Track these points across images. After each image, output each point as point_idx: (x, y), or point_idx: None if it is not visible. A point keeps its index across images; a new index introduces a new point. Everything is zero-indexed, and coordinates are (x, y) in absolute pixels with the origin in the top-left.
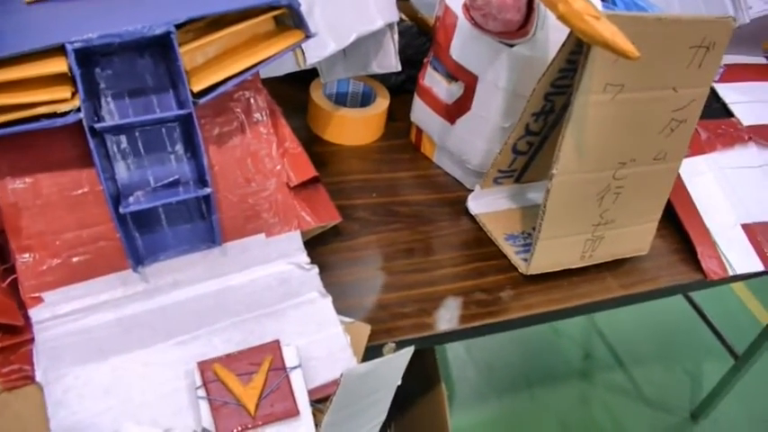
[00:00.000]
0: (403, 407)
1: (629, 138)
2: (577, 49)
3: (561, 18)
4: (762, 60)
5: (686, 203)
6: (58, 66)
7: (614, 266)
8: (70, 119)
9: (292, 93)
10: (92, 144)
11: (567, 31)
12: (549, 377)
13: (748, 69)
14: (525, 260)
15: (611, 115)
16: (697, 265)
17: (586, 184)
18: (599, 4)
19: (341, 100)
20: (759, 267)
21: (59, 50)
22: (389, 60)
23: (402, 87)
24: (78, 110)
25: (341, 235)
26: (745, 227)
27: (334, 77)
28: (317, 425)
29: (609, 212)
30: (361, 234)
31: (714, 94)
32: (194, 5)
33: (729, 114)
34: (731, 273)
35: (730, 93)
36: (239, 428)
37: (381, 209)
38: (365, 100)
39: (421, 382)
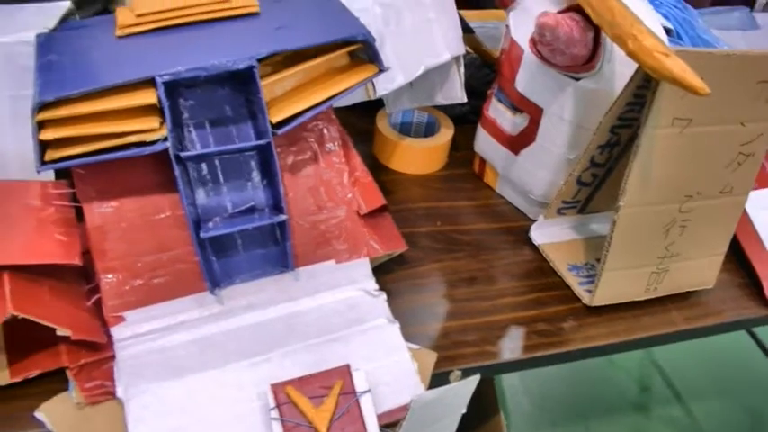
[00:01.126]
0: None
1: (696, 171)
2: (645, 84)
3: (630, 54)
4: None
5: (752, 237)
6: (147, 97)
7: (679, 299)
8: (158, 147)
9: (358, 122)
10: (177, 171)
11: (633, 65)
12: (605, 409)
13: None
14: (589, 291)
15: (678, 149)
16: (762, 300)
17: (652, 217)
18: (665, 38)
19: (405, 130)
20: None
21: (149, 83)
22: (455, 92)
23: (465, 118)
24: (165, 139)
25: (405, 262)
26: None
27: (400, 108)
28: None
29: (675, 245)
30: (425, 262)
31: None
32: (273, 40)
33: None
34: None
35: None
36: None
37: (444, 237)
38: (429, 130)
39: (479, 411)
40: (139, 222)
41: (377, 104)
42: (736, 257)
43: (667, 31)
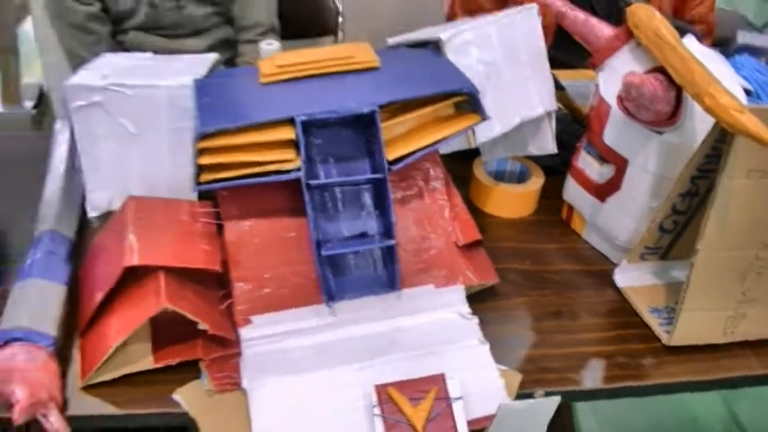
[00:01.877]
0: None
1: None
2: (722, 138)
3: (708, 110)
4: None
5: None
6: (286, 133)
7: (757, 346)
8: (292, 176)
9: (457, 168)
10: (307, 197)
11: (711, 120)
12: None
13: None
14: (668, 332)
15: (753, 198)
16: None
17: (729, 262)
18: (743, 97)
19: (499, 177)
20: None
21: (288, 122)
22: (546, 143)
23: (555, 169)
24: (299, 169)
25: (495, 294)
26: None
27: (495, 156)
28: None
29: (751, 291)
30: (514, 296)
31: None
32: (392, 90)
33: None
34: None
35: None
36: None
37: (532, 275)
38: (521, 178)
39: None
40: (269, 240)
41: (474, 153)
42: None
43: (747, 91)
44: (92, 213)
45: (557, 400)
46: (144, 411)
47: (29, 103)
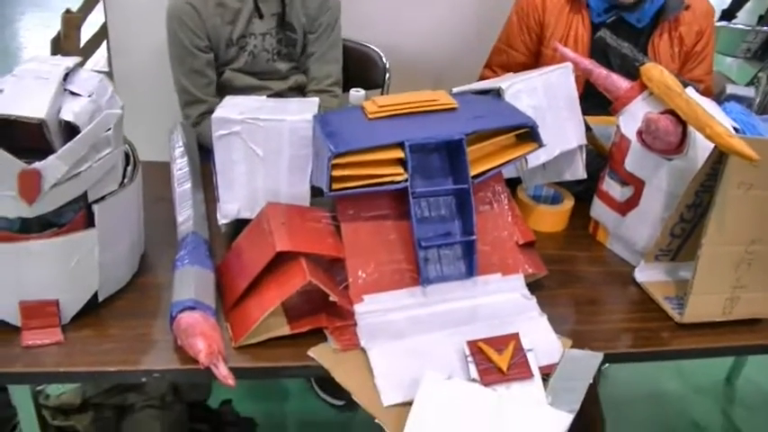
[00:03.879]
0: None
1: (757, 221)
2: (718, 159)
3: (708, 137)
4: None
5: None
6: (396, 154)
7: (752, 324)
8: (401, 185)
9: None
10: (411, 203)
11: (710, 148)
12: None
13: None
14: (680, 313)
15: (743, 204)
16: None
17: (726, 255)
18: (732, 130)
19: (536, 200)
20: None
21: (396, 145)
22: (578, 170)
23: (581, 195)
24: (406, 180)
25: (543, 287)
26: None
27: (535, 182)
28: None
29: (743, 278)
30: (557, 288)
31: None
32: (472, 124)
33: None
34: None
35: None
36: (498, 380)
37: (569, 274)
38: (555, 201)
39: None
40: (376, 238)
41: (517, 182)
42: None
43: (735, 129)
44: (222, 221)
45: (600, 355)
46: (286, 364)
47: None
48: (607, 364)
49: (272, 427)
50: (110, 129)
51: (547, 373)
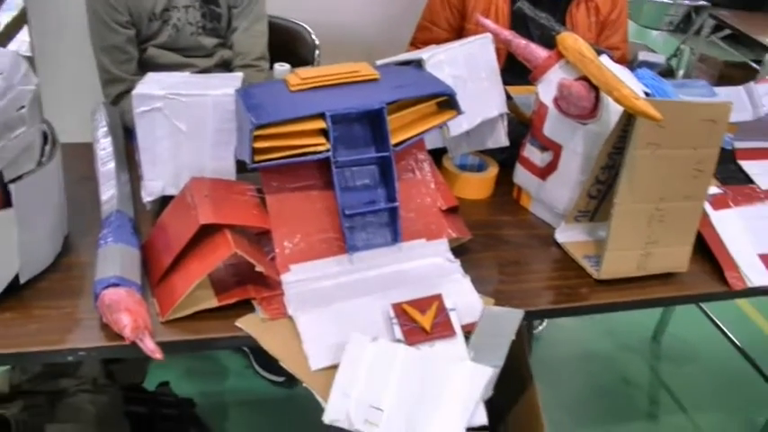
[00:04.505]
0: (501, 415)
1: (665, 180)
2: (628, 122)
3: (616, 100)
4: None
5: (717, 242)
6: (319, 124)
7: (663, 278)
8: (323, 155)
9: None
10: (335, 172)
11: (621, 112)
12: (623, 418)
13: (766, 151)
14: (597, 270)
15: (652, 164)
16: (724, 281)
17: (637, 212)
18: (641, 94)
19: (462, 169)
20: None
21: (318, 116)
22: (500, 138)
23: (506, 162)
24: (328, 150)
25: (469, 251)
26: (761, 256)
27: (460, 152)
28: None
29: (655, 234)
30: (482, 251)
31: (740, 169)
32: (394, 93)
33: (751, 182)
34: (749, 285)
35: (752, 167)
36: (421, 339)
37: (494, 237)
38: (480, 169)
39: (516, 386)
40: (301, 208)
41: (443, 151)
42: (706, 256)
43: (647, 94)
44: (147, 198)
45: (521, 312)
46: (214, 336)
47: None
48: (540, 327)
49: (211, 407)
50: (23, 107)
51: (469, 331)
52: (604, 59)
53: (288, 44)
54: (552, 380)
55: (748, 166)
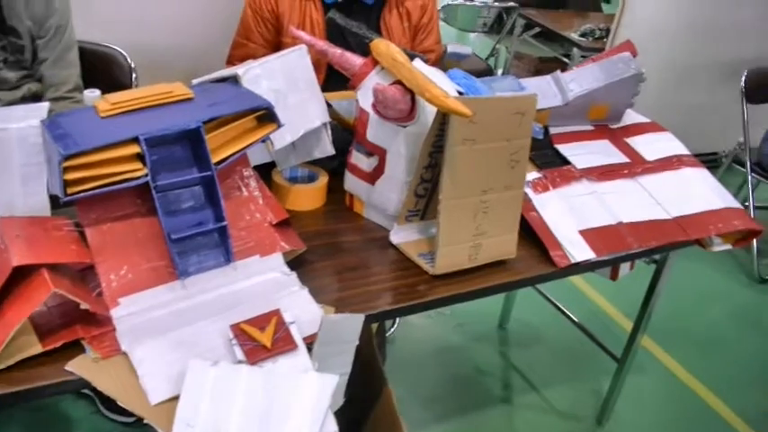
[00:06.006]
0: (360, 420)
1: (485, 173)
2: (443, 121)
3: (428, 101)
4: (588, 127)
5: (540, 224)
6: (134, 149)
7: (495, 266)
8: (141, 181)
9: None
10: (156, 197)
11: (435, 112)
12: (480, 405)
13: (578, 134)
14: (432, 266)
15: (470, 159)
16: (551, 262)
17: (463, 206)
18: (454, 93)
19: (293, 182)
20: (591, 256)
21: (132, 141)
22: (326, 147)
23: (336, 170)
24: (146, 175)
25: (306, 262)
26: (582, 232)
27: (288, 164)
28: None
29: (482, 226)
30: (320, 261)
31: (556, 152)
32: (210, 111)
33: (567, 163)
34: (573, 261)
35: (566, 150)
36: (263, 357)
37: (331, 246)
38: (311, 180)
39: (371, 392)
40: (124, 238)
41: (271, 166)
42: (532, 240)
43: (460, 92)
44: None
45: (361, 317)
46: (45, 383)
47: None
48: (393, 329)
49: None
50: None
51: (311, 342)
52: (417, 63)
53: (103, 70)
54: (409, 379)
55: (564, 149)
